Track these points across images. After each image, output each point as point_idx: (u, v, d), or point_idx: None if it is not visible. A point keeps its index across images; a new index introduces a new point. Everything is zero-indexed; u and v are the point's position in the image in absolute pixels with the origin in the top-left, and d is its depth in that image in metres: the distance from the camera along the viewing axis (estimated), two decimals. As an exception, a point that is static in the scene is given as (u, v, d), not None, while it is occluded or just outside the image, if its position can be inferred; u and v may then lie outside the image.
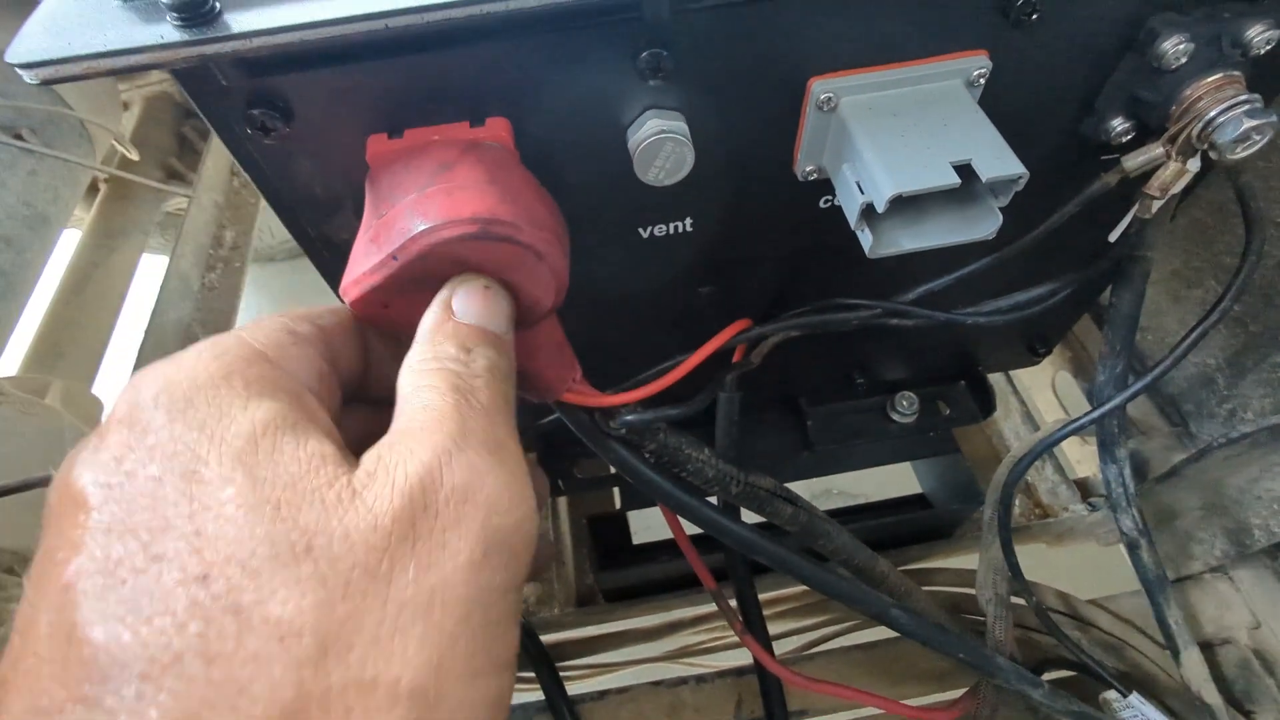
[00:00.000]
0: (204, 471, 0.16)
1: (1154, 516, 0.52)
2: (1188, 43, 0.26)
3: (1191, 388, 0.51)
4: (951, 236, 0.26)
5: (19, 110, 0.66)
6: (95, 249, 0.90)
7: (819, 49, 0.25)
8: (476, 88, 0.24)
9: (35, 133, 0.68)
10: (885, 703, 0.41)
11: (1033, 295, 0.34)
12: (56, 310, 0.85)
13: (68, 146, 0.72)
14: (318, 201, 0.26)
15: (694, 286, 0.36)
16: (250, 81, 0.22)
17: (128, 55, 0.19)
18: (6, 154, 0.65)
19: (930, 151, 0.24)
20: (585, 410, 0.32)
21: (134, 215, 0.95)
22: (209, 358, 0.19)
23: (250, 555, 0.15)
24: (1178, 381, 0.52)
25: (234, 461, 0.16)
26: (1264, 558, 0.47)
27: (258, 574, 0.15)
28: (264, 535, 0.15)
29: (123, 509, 0.16)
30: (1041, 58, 0.27)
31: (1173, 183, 0.28)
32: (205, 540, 0.15)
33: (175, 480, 0.16)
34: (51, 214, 0.70)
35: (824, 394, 0.49)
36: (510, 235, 0.22)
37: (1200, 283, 0.47)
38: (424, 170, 0.23)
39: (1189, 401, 0.51)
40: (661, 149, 0.25)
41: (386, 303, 0.24)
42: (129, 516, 0.16)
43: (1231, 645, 0.48)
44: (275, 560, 0.15)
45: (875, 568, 0.41)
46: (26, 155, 0.66)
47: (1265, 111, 0.25)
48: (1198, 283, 0.48)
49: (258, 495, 0.16)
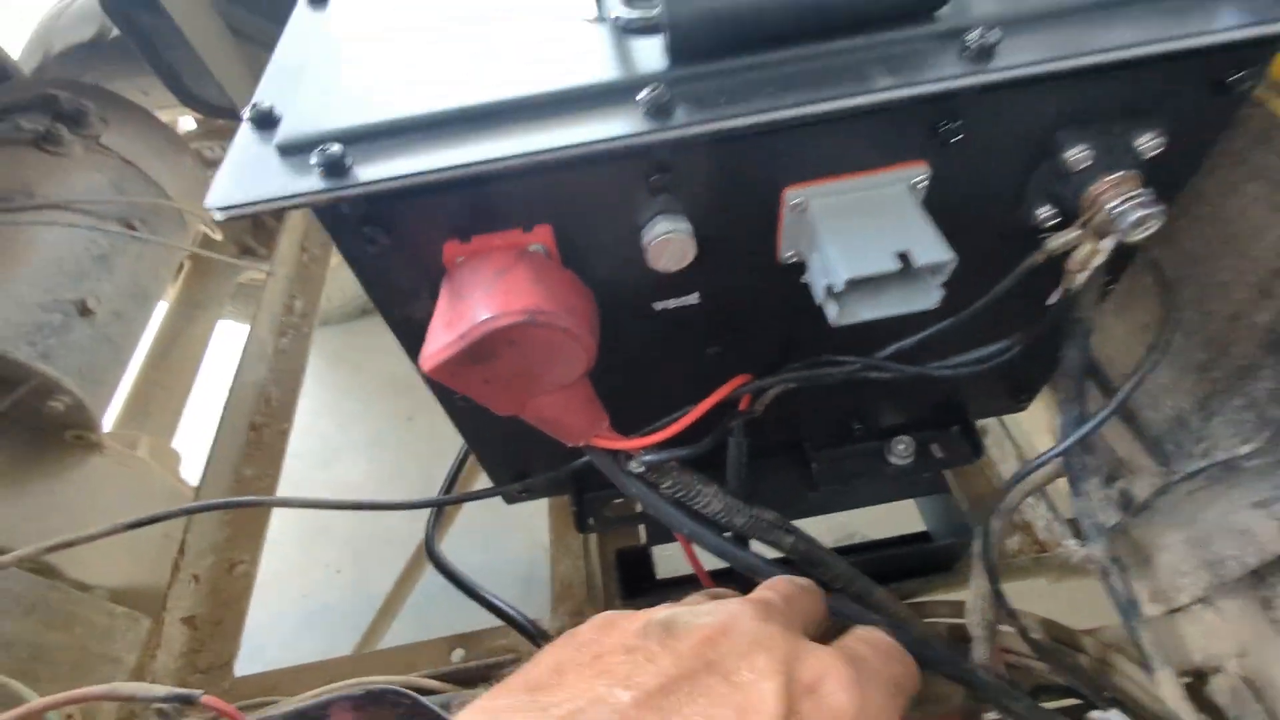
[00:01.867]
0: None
1: (1141, 551, 0.56)
2: (1088, 150, 0.32)
3: (1171, 429, 0.55)
4: (901, 308, 0.32)
5: (131, 204, 0.78)
6: (179, 318, 1.02)
7: (790, 165, 0.32)
8: (527, 205, 0.31)
9: (145, 222, 0.79)
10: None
11: (990, 351, 0.40)
12: (145, 373, 0.96)
13: (167, 232, 0.84)
14: (404, 290, 0.34)
15: (703, 347, 0.42)
16: (365, 209, 0.30)
17: (288, 200, 0.27)
18: (120, 241, 0.76)
19: (877, 243, 0.30)
20: (611, 453, 0.38)
21: (212, 288, 1.07)
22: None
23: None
24: (1159, 424, 0.56)
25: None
26: (1248, 588, 0.50)
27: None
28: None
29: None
30: (973, 165, 0.33)
31: (1088, 260, 0.34)
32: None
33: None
34: (152, 290, 0.81)
35: (826, 440, 0.55)
36: (550, 322, 0.29)
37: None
38: (486, 273, 0.30)
39: (1170, 442, 0.55)
40: (668, 246, 0.32)
41: (456, 371, 0.31)
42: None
43: (1222, 674, 0.50)
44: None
45: (872, 594, 0.46)
46: (134, 241, 0.77)
47: (1155, 202, 0.31)
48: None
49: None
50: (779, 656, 0.26)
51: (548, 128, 0.28)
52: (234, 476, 0.71)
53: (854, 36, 0.28)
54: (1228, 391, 0.48)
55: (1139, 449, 0.58)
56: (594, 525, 0.55)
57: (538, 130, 0.27)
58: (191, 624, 0.61)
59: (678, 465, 0.39)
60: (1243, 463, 0.42)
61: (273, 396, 0.78)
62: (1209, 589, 0.50)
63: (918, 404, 0.53)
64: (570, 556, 0.63)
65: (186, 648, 0.59)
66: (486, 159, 0.26)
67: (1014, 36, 0.28)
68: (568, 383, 0.33)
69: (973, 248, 0.38)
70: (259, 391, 0.78)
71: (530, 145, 0.27)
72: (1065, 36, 0.28)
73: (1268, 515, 0.45)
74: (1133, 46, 0.27)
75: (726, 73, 0.28)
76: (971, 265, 0.38)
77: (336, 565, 1.18)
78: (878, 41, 0.28)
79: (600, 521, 0.55)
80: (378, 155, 0.28)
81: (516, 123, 0.28)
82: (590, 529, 0.55)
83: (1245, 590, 0.50)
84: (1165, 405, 0.55)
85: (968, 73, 0.27)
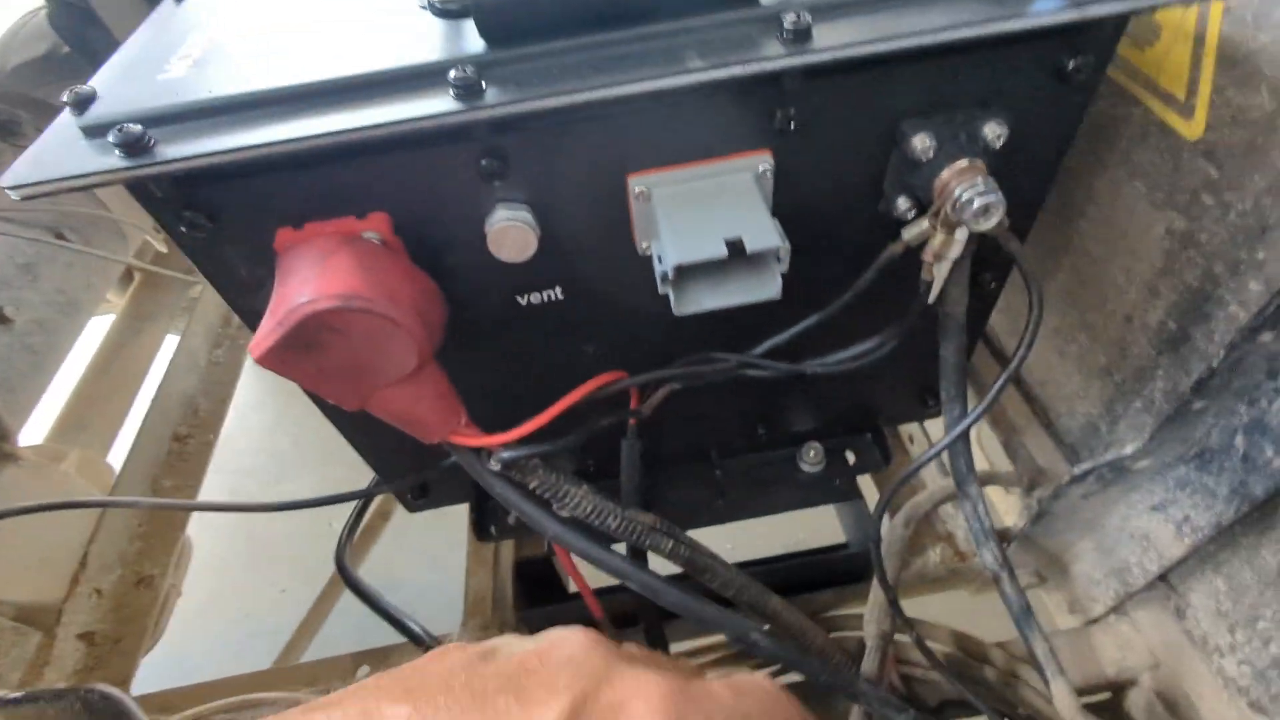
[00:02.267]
0: None
1: (1057, 561, 0.54)
2: (933, 140, 0.32)
3: (1084, 435, 0.54)
4: (743, 297, 0.31)
5: (63, 214, 0.78)
6: (124, 331, 1.01)
7: (632, 153, 0.32)
8: (359, 192, 0.31)
9: (76, 231, 0.79)
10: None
11: (866, 348, 0.39)
12: (84, 386, 0.94)
13: (104, 242, 0.83)
14: (244, 280, 0.33)
15: (579, 345, 0.42)
16: (180, 192, 0.29)
17: (83, 178, 0.26)
18: (47, 250, 0.75)
19: (710, 230, 0.30)
20: (473, 450, 0.37)
21: (163, 301, 1.07)
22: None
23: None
24: (1073, 431, 0.55)
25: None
26: (1161, 597, 0.48)
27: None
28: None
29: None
30: (820, 154, 0.33)
31: (943, 250, 0.33)
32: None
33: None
34: (83, 300, 0.80)
35: (733, 446, 0.54)
36: (369, 308, 0.28)
37: (1074, 339, 0.52)
38: (311, 258, 0.30)
39: (1084, 448, 0.54)
40: (507, 235, 0.32)
41: (284, 359, 0.30)
42: None
43: (1137, 688, 0.49)
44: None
45: (767, 604, 0.45)
46: (64, 250, 0.76)
47: (995, 191, 0.31)
48: (1071, 339, 0.52)
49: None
50: (585, 674, 0.25)
51: (357, 109, 0.27)
52: (151, 487, 0.69)
53: (673, 20, 0.28)
54: (1129, 394, 0.47)
55: (1058, 457, 0.58)
56: (495, 534, 0.54)
57: (346, 112, 0.27)
58: (89, 640, 0.59)
59: (542, 463, 0.37)
60: (1130, 464, 0.41)
61: (201, 407, 0.77)
62: (1119, 598, 0.49)
63: (821, 408, 0.52)
64: (484, 568, 0.61)
65: (80, 665, 0.57)
66: (284, 139, 0.26)
67: (833, 21, 0.28)
68: (404, 374, 0.32)
69: (843, 240, 0.38)
70: (187, 401, 0.77)
71: (329, 126, 0.26)
72: (883, 21, 0.27)
73: (1164, 519, 0.43)
74: (945, 30, 0.26)
75: (544, 55, 0.28)
76: (845, 258, 0.37)
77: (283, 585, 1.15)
78: (700, 25, 0.28)
79: (502, 530, 0.54)
80: (186, 136, 0.27)
81: (329, 105, 0.27)
82: (492, 537, 0.54)
83: (1158, 599, 0.49)
84: (1078, 411, 0.54)
85: (779, 55, 0.26)
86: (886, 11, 0.28)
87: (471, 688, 0.25)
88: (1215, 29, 0.35)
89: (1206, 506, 0.40)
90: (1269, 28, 0.32)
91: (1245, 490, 0.37)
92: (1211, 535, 0.41)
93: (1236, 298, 0.37)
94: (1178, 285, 0.40)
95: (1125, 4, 0.26)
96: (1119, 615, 0.51)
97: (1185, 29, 0.36)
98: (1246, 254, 0.36)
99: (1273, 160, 0.33)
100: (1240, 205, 0.36)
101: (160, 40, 0.33)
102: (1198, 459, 0.40)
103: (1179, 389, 0.42)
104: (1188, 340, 0.40)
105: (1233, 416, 0.37)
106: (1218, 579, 0.43)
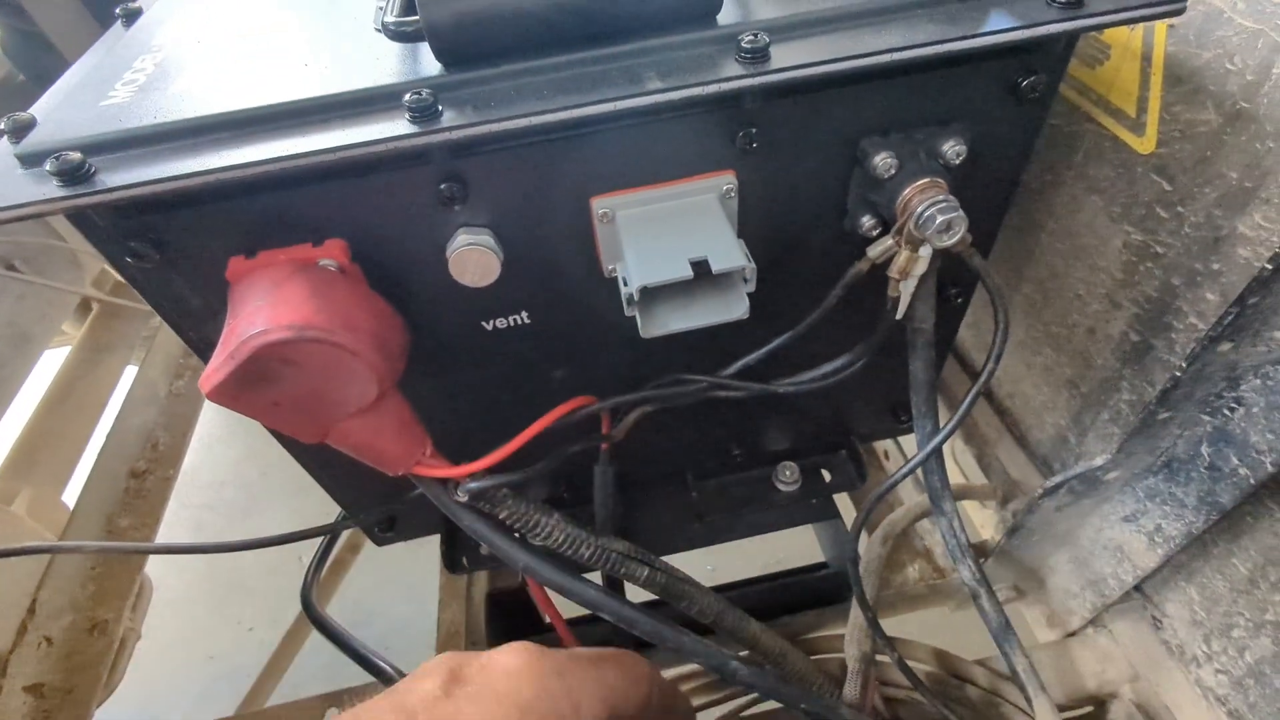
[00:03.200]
0: None
1: (1034, 575, 0.54)
2: (893, 158, 0.32)
3: (1055, 448, 0.54)
4: (710, 319, 0.31)
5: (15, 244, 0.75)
6: (80, 364, 0.97)
7: (595, 175, 0.31)
8: (315, 218, 0.30)
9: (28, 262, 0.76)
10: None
11: (835, 366, 0.39)
12: (36, 422, 0.91)
13: (58, 273, 0.81)
14: (196, 310, 0.32)
15: (548, 370, 0.41)
16: (124, 222, 0.28)
17: (16, 209, 0.25)
18: (-2, 281, 0.73)
19: (675, 252, 0.29)
20: (439, 481, 0.36)
21: (122, 332, 1.03)
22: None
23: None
24: (1045, 443, 0.56)
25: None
26: (1138, 608, 0.49)
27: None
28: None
29: None
30: (784, 174, 0.33)
31: (908, 267, 0.33)
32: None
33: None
34: (36, 333, 0.77)
35: (708, 468, 0.53)
36: (323, 338, 0.27)
37: (1040, 351, 0.52)
38: (262, 288, 0.29)
39: (1055, 460, 0.54)
40: (468, 259, 0.31)
41: (237, 394, 0.29)
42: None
43: (1118, 701, 0.48)
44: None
45: (746, 629, 0.44)
46: (15, 281, 0.74)
47: (957, 208, 0.31)
48: (1038, 350, 0.52)
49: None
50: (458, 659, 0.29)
51: (309, 134, 0.26)
52: (106, 526, 0.66)
53: (632, 41, 0.28)
54: (1096, 405, 0.48)
55: (1031, 469, 0.58)
56: (468, 565, 0.52)
57: (298, 137, 0.26)
58: (38, 692, 0.56)
59: (511, 493, 0.36)
60: (1100, 475, 0.41)
61: (160, 441, 0.75)
62: (1096, 610, 0.49)
63: (795, 427, 0.52)
64: (457, 600, 0.59)
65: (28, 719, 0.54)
66: (230, 165, 0.25)
67: (791, 41, 0.28)
68: (364, 405, 0.31)
69: (810, 258, 0.38)
70: (145, 435, 0.74)
71: (278, 151, 0.25)
72: (840, 41, 0.28)
73: (1136, 530, 0.44)
74: (900, 50, 0.27)
75: (501, 77, 0.27)
76: (813, 276, 0.37)
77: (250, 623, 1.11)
78: (659, 46, 0.28)
79: (474, 561, 0.52)
80: (129, 164, 0.26)
81: (279, 130, 0.27)
82: (464, 569, 0.53)
83: (1135, 610, 0.49)
84: (1047, 423, 0.55)
85: (738, 75, 0.26)
86: (844, 31, 0.28)
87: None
88: (1161, 48, 0.36)
89: (1177, 516, 0.40)
90: (1210, 45, 0.33)
91: (1213, 499, 0.37)
92: (1183, 545, 0.41)
93: (1194, 309, 0.37)
94: (1137, 297, 0.41)
95: (1072, 23, 0.27)
96: (1097, 628, 0.51)
97: (1133, 48, 0.37)
98: (1202, 265, 0.36)
99: (1221, 173, 0.34)
100: (1193, 218, 0.36)
101: (106, 64, 0.32)
102: (1166, 469, 0.40)
103: (1144, 400, 0.42)
104: (1150, 351, 0.41)
105: (1197, 426, 0.38)
106: (1191, 588, 0.43)
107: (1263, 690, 0.39)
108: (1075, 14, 0.27)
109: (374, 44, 0.30)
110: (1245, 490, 0.35)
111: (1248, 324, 0.32)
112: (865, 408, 0.53)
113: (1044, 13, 0.28)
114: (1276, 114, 0.31)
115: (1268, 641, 0.38)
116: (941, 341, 0.50)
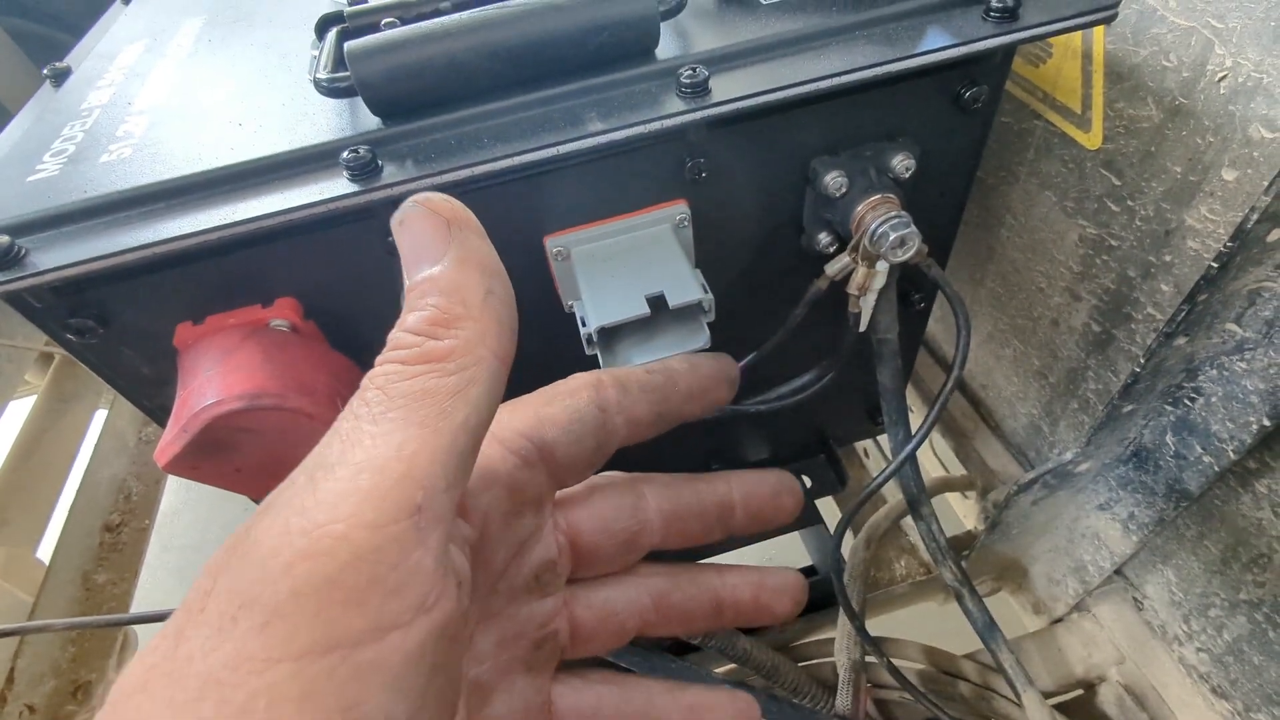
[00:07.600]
0: None
1: (1016, 566, 0.55)
2: (844, 176, 0.32)
3: (1030, 437, 0.55)
4: (672, 350, 0.31)
5: (-34, 301, 0.73)
6: (46, 414, 0.95)
7: (547, 214, 0.31)
8: (262, 279, 0.29)
9: (-18, 319, 0.74)
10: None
11: (804, 382, 0.39)
12: (5, 477, 0.88)
13: (14, 329, 0.78)
14: (149, 379, 0.31)
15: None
16: (63, 300, 0.27)
17: (-56, 300, 0.24)
18: (-49, 342, 0.71)
19: (631, 289, 0.29)
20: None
21: (87, 379, 1.01)
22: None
23: None
24: (1019, 433, 0.56)
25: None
26: (1120, 590, 0.49)
27: None
28: None
29: None
30: (737, 199, 0.33)
31: (865, 282, 0.33)
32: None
33: None
34: (-4, 390, 0.75)
35: (689, 482, 0.53)
36: (279, 405, 0.27)
37: (1008, 343, 0.53)
38: (214, 355, 0.28)
39: (1030, 449, 0.55)
40: (423, 307, 0.30)
41: (195, 465, 0.28)
42: None
43: (1106, 684, 0.49)
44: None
45: (735, 644, 0.44)
46: (-28, 340, 0.72)
47: (909, 223, 0.31)
48: (1006, 343, 0.53)
49: None
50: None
51: (248, 198, 0.26)
52: (83, 584, 0.65)
53: (572, 81, 0.28)
54: (1065, 395, 0.48)
55: (1008, 458, 0.59)
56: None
57: (236, 202, 0.26)
58: (22, 762, 0.55)
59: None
60: (1072, 468, 0.42)
61: (133, 491, 0.73)
62: (1079, 595, 0.49)
63: (771, 437, 0.52)
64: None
65: (13, 791, 0.53)
66: (167, 238, 0.24)
67: (730, 72, 0.28)
68: (328, 464, 0.30)
69: (771, 278, 0.38)
70: (116, 487, 0.73)
71: (216, 220, 0.25)
72: (779, 69, 0.27)
73: (1111, 517, 0.44)
74: (838, 75, 0.27)
75: (441, 127, 0.27)
76: (776, 295, 0.37)
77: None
78: (599, 84, 0.28)
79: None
80: (62, 242, 0.25)
81: (217, 196, 0.26)
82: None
83: (1117, 592, 0.50)
84: (1020, 413, 0.55)
85: (679, 111, 0.26)
86: (783, 58, 0.28)
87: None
88: (1100, 46, 0.36)
89: (1148, 503, 0.41)
90: (1145, 42, 0.33)
91: (1181, 486, 0.38)
92: (1156, 529, 0.41)
93: (1151, 300, 0.38)
94: (1096, 289, 0.42)
95: (1006, 37, 0.27)
96: (1082, 612, 0.51)
97: (1073, 47, 0.38)
98: (1155, 257, 0.37)
99: (1166, 167, 0.35)
100: (1143, 211, 0.37)
101: (34, 133, 0.31)
102: (1135, 459, 0.41)
103: (1110, 389, 0.43)
104: (1113, 341, 0.41)
105: (1161, 417, 0.38)
106: (1168, 570, 0.44)
107: (1242, 667, 0.40)
108: (1010, 27, 0.27)
109: (309, 100, 0.29)
110: (1211, 477, 0.36)
111: (1199, 319, 0.33)
112: (841, 412, 0.53)
113: (979, 28, 0.28)
114: (1214, 109, 0.31)
115: (1243, 620, 0.39)
116: (909, 343, 0.50)
